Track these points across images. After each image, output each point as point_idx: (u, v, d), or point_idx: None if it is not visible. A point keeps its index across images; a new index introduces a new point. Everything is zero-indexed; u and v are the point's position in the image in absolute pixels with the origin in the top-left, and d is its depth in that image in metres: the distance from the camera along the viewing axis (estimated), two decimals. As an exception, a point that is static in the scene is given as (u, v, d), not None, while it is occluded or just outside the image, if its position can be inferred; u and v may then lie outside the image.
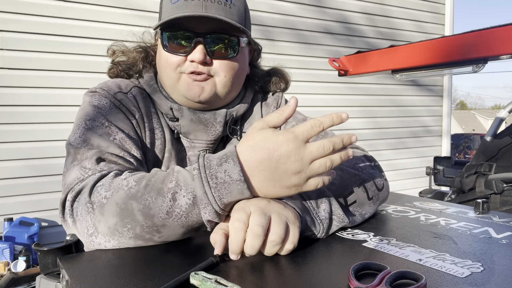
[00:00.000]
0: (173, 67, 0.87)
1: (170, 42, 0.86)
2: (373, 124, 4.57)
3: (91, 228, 0.67)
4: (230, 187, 0.63)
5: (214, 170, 0.64)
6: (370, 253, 0.65)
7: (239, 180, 0.63)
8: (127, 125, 0.86)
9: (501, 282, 0.54)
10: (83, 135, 0.81)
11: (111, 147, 0.79)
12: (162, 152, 0.92)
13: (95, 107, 0.85)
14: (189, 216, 0.65)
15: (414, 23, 4.85)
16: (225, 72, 0.88)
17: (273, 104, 1.05)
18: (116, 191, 0.67)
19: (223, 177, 0.63)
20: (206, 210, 0.64)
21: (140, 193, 0.66)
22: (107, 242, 0.67)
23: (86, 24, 3.03)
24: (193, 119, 0.91)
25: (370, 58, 1.63)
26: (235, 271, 0.58)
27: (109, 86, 0.90)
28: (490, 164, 2.07)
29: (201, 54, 0.84)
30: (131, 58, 0.97)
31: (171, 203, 0.64)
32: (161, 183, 0.66)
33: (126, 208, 0.65)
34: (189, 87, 0.87)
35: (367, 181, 0.83)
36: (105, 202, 0.67)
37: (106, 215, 0.66)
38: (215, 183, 0.63)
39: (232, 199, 0.64)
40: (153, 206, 0.64)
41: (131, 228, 0.65)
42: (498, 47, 1.27)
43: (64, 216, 0.72)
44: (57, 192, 2.96)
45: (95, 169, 0.74)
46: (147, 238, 0.67)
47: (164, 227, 0.66)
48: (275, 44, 3.85)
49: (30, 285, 2.40)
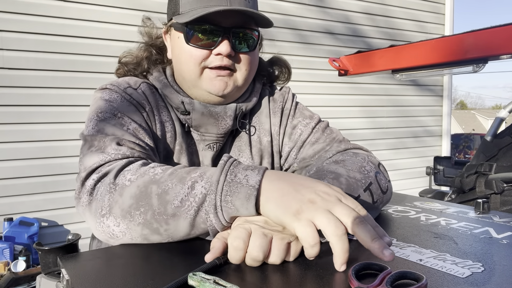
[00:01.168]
0: (197, 61, 0.88)
1: (194, 36, 0.87)
2: (373, 124, 4.58)
3: (105, 208, 0.67)
4: (241, 189, 0.61)
5: (238, 170, 0.64)
6: (370, 253, 0.65)
7: (253, 186, 0.61)
8: (138, 116, 0.87)
9: (502, 282, 0.54)
10: (96, 126, 0.81)
11: (126, 135, 0.80)
12: (172, 145, 0.93)
13: (106, 101, 0.87)
14: (199, 210, 0.64)
15: (414, 23, 4.85)
16: (247, 66, 0.91)
17: (280, 99, 1.05)
18: (141, 176, 0.68)
19: (241, 178, 0.62)
20: (209, 198, 0.63)
21: (163, 178, 0.66)
22: (116, 225, 0.67)
23: (86, 24, 3.03)
24: (204, 112, 0.92)
25: (370, 58, 1.63)
26: (234, 272, 0.57)
27: (119, 82, 0.92)
28: (490, 164, 2.07)
29: (228, 47, 0.85)
30: (136, 57, 0.99)
31: (188, 190, 0.64)
32: (187, 173, 0.67)
33: (145, 191, 0.65)
34: (212, 82, 0.89)
35: (372, 185, 0.82)
36: (128, 184, 0.67)
37: (124, 196, 0.66)
38: (231, 179, 0.62)
39: (236, 201, 0.61)
40: (171, 192, 0.64)
41: (143, 212, 0.65)
42: (498, 47, 1.27)
43: (81, 194, 0.71)
44: (57, 192, 2.96)
45: (118, 153, 0.74)
46: (154, 228, 0.65)
47: (173, 218, 0.64)
48: (276, 44, 3.85)
49: (30, 285, 2.40)
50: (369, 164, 0.87)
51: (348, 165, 0.84)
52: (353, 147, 0.98)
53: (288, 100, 1.05)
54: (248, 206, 0.61)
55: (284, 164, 1.04)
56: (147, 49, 0.99)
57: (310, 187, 0.61)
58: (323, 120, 1.05)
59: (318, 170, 0.86)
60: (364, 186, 0.80)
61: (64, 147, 2.96)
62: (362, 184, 0.80)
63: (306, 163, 1.00)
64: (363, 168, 0.84)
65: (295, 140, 1.01)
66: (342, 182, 0.77)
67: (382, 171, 0.90)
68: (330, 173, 0.80)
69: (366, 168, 0.85)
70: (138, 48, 1.00)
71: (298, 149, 1.01)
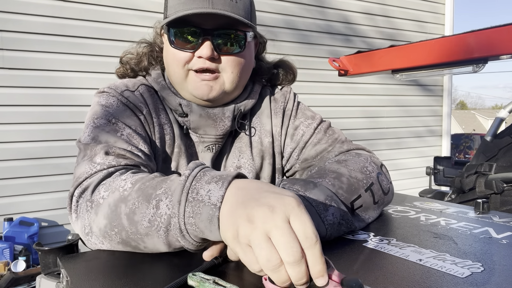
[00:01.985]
0: (180, 63, 0.87)
1: (177, 38, 0.86)
2: (373, 124, 4.58)
3: (87, 227, 0.67)
4: (203, 208, 0.54)
5: (200, 184, 0.56)
6: (370, 253, 0.65)
7: (215, 205, 0.53)
8: (134, 121, 0.86)
9: (502, 282, 0.54)
10: (91, 133, 0.81)
11: (118, 142, 0.79)
12: (171, 147, 0.92)
13: (102, 106, 0.87)
14: (168, 231, 0.59)
15: (414, 23, 4.85)
16: (232, 68, 0.88)
17: (281, 100, 1.04)
18: (112, 192, 0.66)
19: (203, 195, 0.55)
20: (173, 221, 0.57)
21: (130, 196, 0.63)
22: (100, 243, 0.67)
23: (86, 24, 3.03)
24: (202, 114, 0.92)
25: (370, 58, 1.63)
26: (233, 272, 0.57)
27: (117, 85, 0.92)
28: (490, 164, 2.07)
29: (209, 50, 0.84)
30: (137, 54, 0.99)
31: (154, 210, 0.60)
32: (153, 189, 0.62)
33: (115, 211, 0.63)
34: (197, 85, 0.88)
35: (374, 185, 0.82)
36: (101, 202, 0.66)
37: (99, 216, 0.65)
38: (192, 197, 0.56)
39: (200, 223, 0.54)
40: (137, 212, 0.61)
41: (118, 233, 0.63)
42: (498, 47, 1.27)
43: (71, 210, 0.72)
44: (57, 192, 2.96)
45: (104, 163, 0.74)
46: (133, 246, 0.64)
47: (147, 237, 0.61)
48: (277, 44, 3.84)
49: (30, 285, 2.40)
50: (371, 165, 0.87)
51: (350, 165, 0.84)
52: (356, 148, 0.98)
53: (289, 100, 1.05)
54: (212, 228, 0.54)
55: (286, 165, 1.04)
56: (149, 46, 1.00)
57: (257, 199, 0.50)
58: (325, 120, 1.05)
59: (320, 169, 0.86)
60: (365, 186, 0.80)
61: (64, 147, 2.96)
62: (363, 184, 0.80)
63: (308, 163, 0.99)
64: (365, 169, 0.84)
65: (297, 141, 1.01)
66: (343, 181, 0.77)
67: (384, 172, 0.91)
68: (332, 172, 0.80)
69: (368, 168, 0.85)
70: (139, 46, 1.00)
71: (300, 150, 1.01)
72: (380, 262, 0.60)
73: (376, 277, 0.55)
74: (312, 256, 0.46)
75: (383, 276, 0.55)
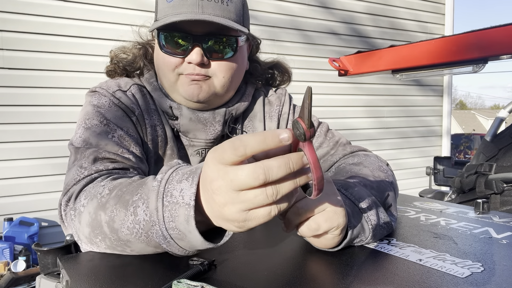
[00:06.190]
0: (170, 68, 0.86)
1: (167, 43, 0.85)
2: (375, 124, 4.58)
3: (76, 235, 0.68)
4: (179, 210, 0.53)
5: (173, 186, 0.54)
6: (370, 253, 0.65)
7: (188, 204, 0.52)
8: (126, 122, 0.85)
9: (502, 282, 0.53)
10: (82, 135, 0.81)
11: (109, 145, 0.79)
12: (163, 149, 0.91)
13: (94, 106, 0.85)
14: (149, 236, 0.57)
15: (415, 23, 4.85)
16: (224, 73, 0.87)
17: (276, 103, 1.03)
18: (91, 199, 0.65)
19: (177, 196, 0.53)
20: (153, 230, 0.56)
21: (108, 203, 0.62)
22: (90, 249, 0.67)
23: (86, 24, 3.03)
24: (192, 118, 0.90)
25: (370, 58, 1.63)
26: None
27: (109, 85, 0.90)
28: (490, 164, 2.07)
29: (198, 55, 0.82)
30: (131, 55, 0.97)
31: (132, 217, 0.58)
32: (130, 195, 0.60)
33: (96, 219, 0.62)
34: (187, 87, 0.86)
35: (394, 183, 0.83)
36: (82, 210, 0.65)
37: (82, 224, 0.65)
38: (168, 201, 0.54)
39: (180, 226, 0.53)
40: (116, 219, 0.60)
41: (102, 240, 0.63)
42: (498, 47, 1.27)
43: (61, 218, 0.73)
44: (57, 192, 2.96)
45: (91, 169, 0.73)
46: (120, 250, 0.63)
47: (131, 243, 0.60)
48: (280, 44, 3.85)
49: (30, 285, 2.40)
50: (383, 163, 0.89)
51: (368, 166, 0.84)
52: (358, 150, 0.97)
53: (285, 103, 1.03)
54: (190, 229, 0.52)
55: None
56: (143, 47, 0.97)
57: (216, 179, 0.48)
58: (322, 121, 1.04)
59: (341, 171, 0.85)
60: (389, 185, 0.80)
61: (64, 147, 2.96)
62: (388, 183, 0.80)
63: None
64: (382, 168, 0.85)
65: None
66: (372, 181, 0.76)
67: (391, 169, 0.92)
68: (356, 173, 0.80)
69: (383, 167, 0.86)
70: (133, 46, 0.98)
71: None
72: (380, 262, 0.60)
73: (376, 277, 0.55)
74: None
75: (383, 276, 0.55)
